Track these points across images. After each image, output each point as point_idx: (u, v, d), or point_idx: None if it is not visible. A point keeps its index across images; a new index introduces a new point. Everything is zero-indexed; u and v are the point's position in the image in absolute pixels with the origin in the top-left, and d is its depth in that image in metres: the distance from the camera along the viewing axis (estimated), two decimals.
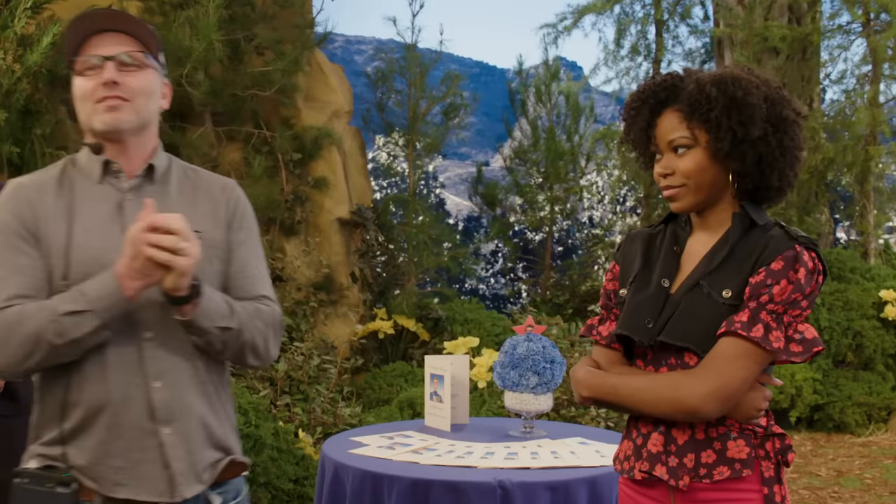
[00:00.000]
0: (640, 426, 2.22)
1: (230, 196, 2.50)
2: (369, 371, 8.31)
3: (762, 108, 2.12)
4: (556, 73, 12.45)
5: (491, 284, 14.31)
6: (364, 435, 3.64)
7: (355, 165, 9.34)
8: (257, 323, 2.26)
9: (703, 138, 2.14)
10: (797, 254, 2.08)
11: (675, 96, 2.18)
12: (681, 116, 2.16)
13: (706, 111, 2.12)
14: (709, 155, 2.15)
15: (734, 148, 2.12)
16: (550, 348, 3.67)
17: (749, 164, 2.14)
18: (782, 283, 2.06)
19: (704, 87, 2.13)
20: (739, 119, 2.10)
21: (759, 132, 2.11)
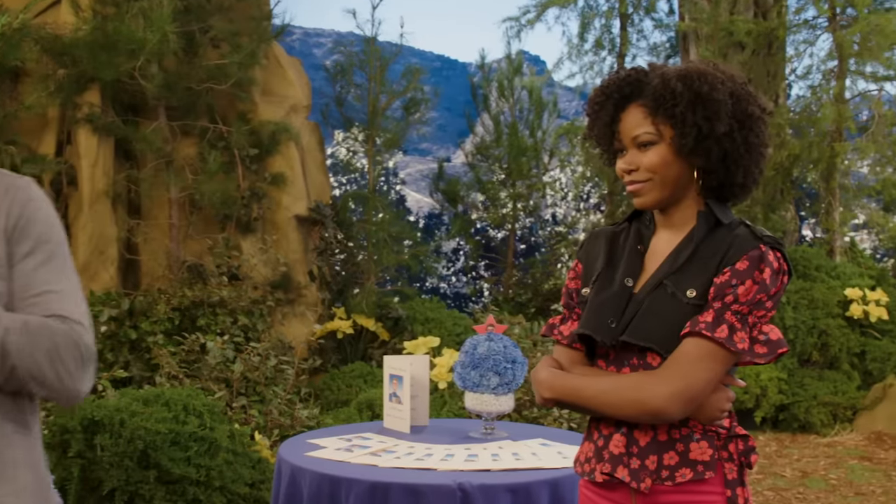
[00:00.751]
0: (602, 428, 2.22)
1: (14, 199, 2.00)
2: (327, 372, 8.29)
3: (728, 103, 2.13)
4: (518, 67, 12.48)
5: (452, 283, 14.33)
6: (322, 437, 3.63)
7: (314, 161, 9.32)
8: (41, 343, 1.86)
9: (668, 134, 2.15)
10: (762, 254, 2.09)
11: (640, 91, 2.18)
12: (645, 112, 2.16)
13: (671, 106, 2.12)
14: (673, 150, 2.15)
15: (699, 144, 2.13)
16: (512, 348, 3.67)
17: (714, 161, 2.15)
18: (747, 283, 2.07)
19: (669, 81, 2.13)
20: (705, 115, 2.11)
21: (724, 128, 2.12)
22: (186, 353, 6.83)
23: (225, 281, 7.84)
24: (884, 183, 11.22)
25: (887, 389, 8.70)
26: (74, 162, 7.67)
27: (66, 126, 7.75)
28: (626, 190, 2.27)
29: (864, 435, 8.56)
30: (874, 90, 11.73)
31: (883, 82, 11.66)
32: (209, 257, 8.06)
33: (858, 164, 12.04)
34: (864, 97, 11.93)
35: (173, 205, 8.05)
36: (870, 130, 11.15)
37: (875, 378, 9.18)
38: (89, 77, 7.58)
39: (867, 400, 8.84)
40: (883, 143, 11.15)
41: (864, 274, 10.29)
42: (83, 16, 7.51)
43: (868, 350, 9.41)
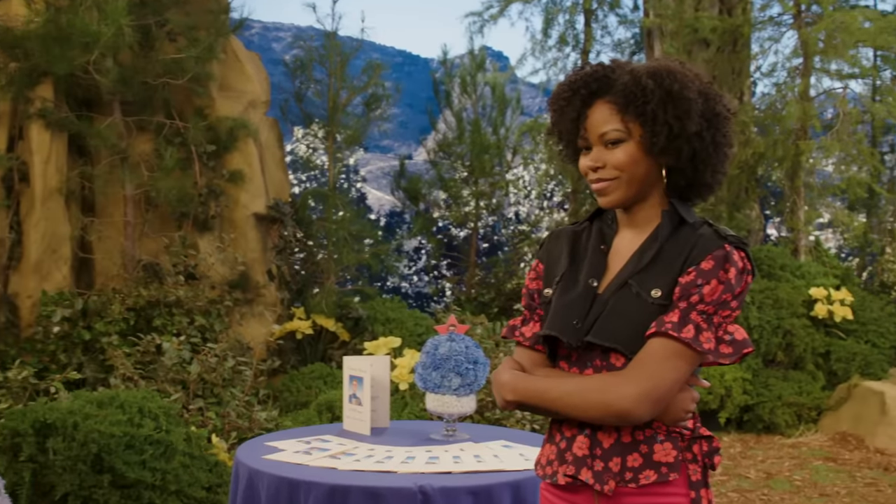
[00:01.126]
0: (565, 430, 2.23)
1: None
2: (286, 373, 8.27)
3: (698, 102, 2.14)
4: (481, 63, 12.50)
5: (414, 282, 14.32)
6: (280, 440, 3.62)
7: (272, 158, 9.29)
8: None
9: (637, 132, 2.15)
10: (727, 253, 2.11)
11: (608, 87, 2.18)
12: (614, 108, 2.16)
13: (642, 104, 2.13)
14: (642, 149, 2.16)
15: (669, 143, 2.14)
16: (473, 348, 3.68)
17: (683, 160, 2.17)
18: (712, 283, 2.09)
19: (640, 78, 2.14)
20: (676, 113, 2.12)
21: (695, 127, 2.13)
22: (142, 354, 6.80)
23: (181, 280, 7.80)
24: (848, 182, 11.33)
25: (852, 390, 8.80)
26: (26, 158, 7.60)
27: (18, 121, 7.68)
28: (590, 188, 2.27)
29: (828, 436, 8.65)
30: (839, 88, 11.86)
31: (848, 80, 11.78)
32: (165, 256, 8.02)
33: (823, 163, 12.16)
34: (829, 95, 12.04)
35: (128, 202, 8.00)
36: (835, 129, 11.25)
37: (840, 378, 9.28)
38: (42, 71, 7.52)
39: (832, 400, 8.94)
40: (848, 141, 11.25)
41: (829, 273, 10.40)
42: (36, 8, 7.44)
43: (833, 350, 9.51)
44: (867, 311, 9.94)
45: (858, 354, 9.39)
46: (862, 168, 11.76)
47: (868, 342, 9.69)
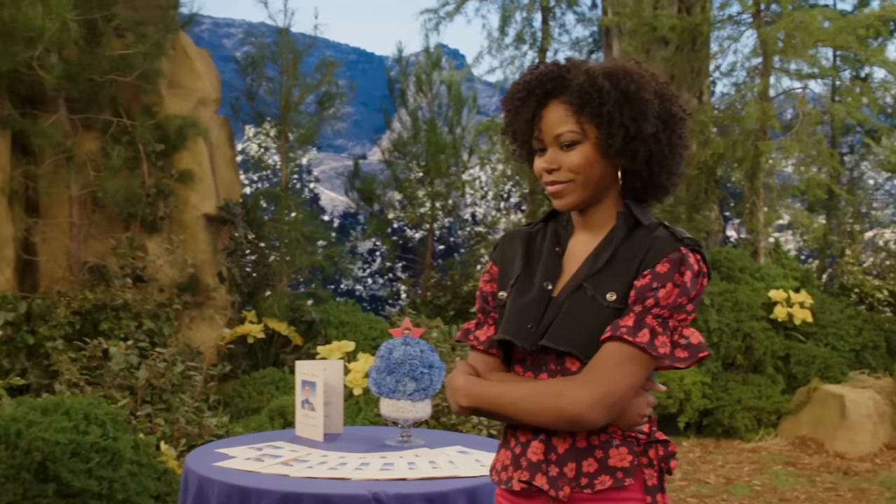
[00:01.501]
0: (519, 435, 2.23)
1: None
2: (237, 378, 8.24)
3: (654, 103, 2.15)
4: (437, 61, 12.52)
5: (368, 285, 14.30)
6: (231, 446, 3.61)
7: (223, 158, 9.26)
8: None
9: (593, 133, 2.16)
10: (683, 256, 2.12)
11: (563, 87, 2.18)
12: (569, 109, 2.16)
13: (598, 105, 2.13)
14: (598, 150, 2.16)
15: (626, 145, 2.14)
16: (429, 352, 3.68)
17: (639, 162, 2.17)
18: (668, 286, 2.10)
19: (596, 79, 2.14)
20: (632, 115, 2.13)
21: (651, 129, 2.14)
22: (88, 359, 6.75)
23: (129, 283, 7.75)
24: (808, 183, 11.45)
25: (811, 393, 8.89)
26: None
27: None
28: (545, 190, 2.28)
29: (788, 440, 8.75)
30: (798, 88, 11.99)
31: (807, 80, 11.91)
32: (112, 258, 7.97)
33: (783, 164, 12.27)
34: (788, 95, 12.17)
35: (74, 203, 7.94)
36: (794, 129, 11.37)
37: (799, 382, 9.37)
38: None
39: (791, 404, 9.03)
40: (807, 142, 11.37)
41: (789, 275, 10.51)
42: None
43: (792, 353, 9.61)
44: (827, 314, 10.06)
45: (818, 358, 9.49)
46: (821, 169, 11.88)
47: (828, 345, 9.81)
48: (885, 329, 10.19)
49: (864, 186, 14.20)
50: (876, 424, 8.51)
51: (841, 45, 11.34)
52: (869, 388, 8.85)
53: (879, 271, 12.44)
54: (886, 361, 9.83)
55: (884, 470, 7.87)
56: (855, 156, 13.94)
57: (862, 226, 13.72)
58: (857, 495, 7.16)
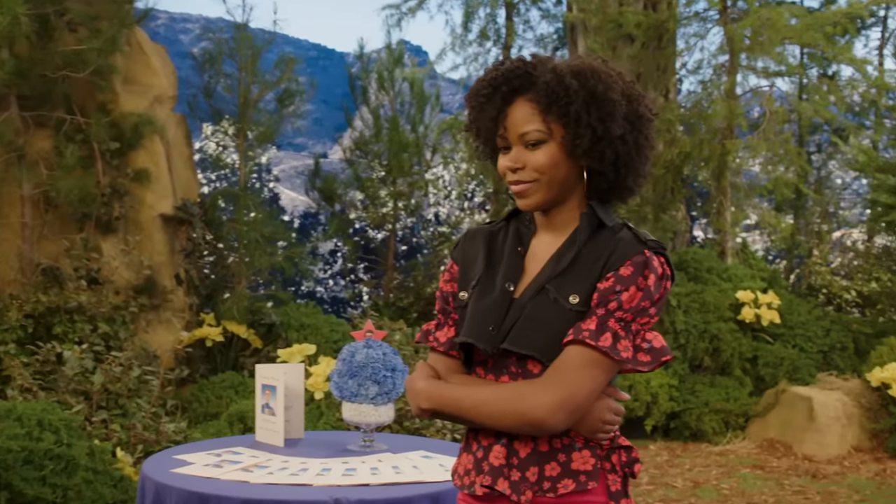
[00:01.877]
0: (481, 438, 2.24)
1: None
2: (196, 382, 8.21)
3: (622, 104, 2.16)
4: (399, 58, 12.52)
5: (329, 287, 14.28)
6: (189, 452, 3.60)
7: (180, 156, 9.22)
8: None
9: (559, 133, 2.16)
10: (647, 259, 2.13)
11: (529, 85, 2.18)
12: (535, 108, 2.16)
13: (565, 105, 2.13)
14: (564, 151, 2.17)
15: (593, 146, 2.15)
16: (392, 355, 3.69)
17: (606, 163, 2.18)
18: (631, 289, 2.11)
19: (563, 78, 2.14)
20: (599, 115, 2.13)
21: (619, 130, 2.15)
22: (41, 363, 6.70)
23: (84, 285, 7.70)
24: (775, 182, 11.53)
25: (779, 396, 8.97)
26: None
27: None
28: (508, 189, 2.28)
29: (756, 443, 8.82)
30: (765, 86, 12.08)
31: (774, 78, 12.00)
32: (66, 260, 7.92)
33: (750, 163, 12.36)
34: (755, 93, 12.26)
35: (26, 202, 7.88)
36: (761, 128, 11.45)
37: (767, 384, 9.45)
38: None
39: (759, 407, 9.10)
40: (774, 140, 11.46)
41: (756, 276, 10.59)
42: None
43: (760, 355, 9.69)
44: (795, 315, 10.15)
45: (786, 359, 9.57)
46: (789, 168, 11.98)
47: (796, 347, 9.89)
48: (852, 330, 10.30)
49: (831, 186, 14.34)
50: (844, 427, 8.60)
51: (808, 42, 11.43)
52: (837, 390, 8.94)
53: (847, 272, 12.57)
54: (854, 363, 9.94)
55: (852, 473, 7.96)
56: (822, 155, 14.07)
57: (830, 226, 13.86)
58: (825, 498, 7.23)
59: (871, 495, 7.34)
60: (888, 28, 13.56)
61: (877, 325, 10.54)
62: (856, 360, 10.00)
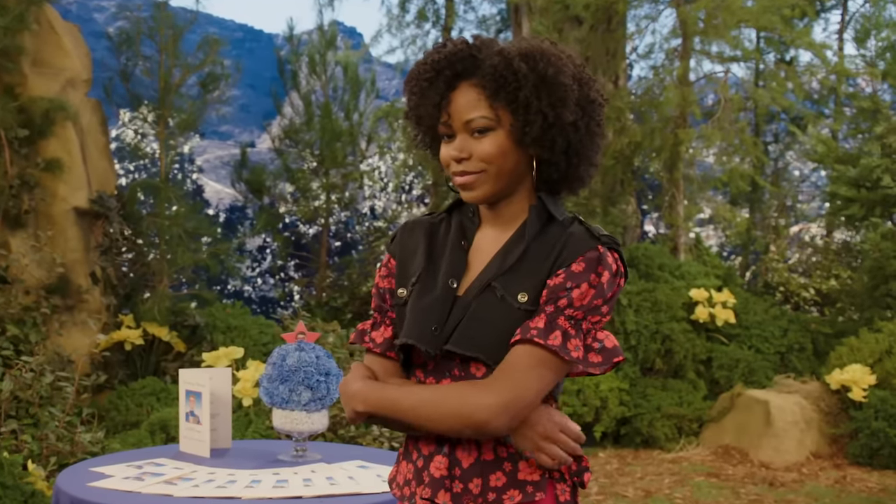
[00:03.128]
0: (422, 446, 2.24)
1: None
2: (114, 389, 8.15)
3: (574, 89, 2.16)
4: (332, 40, 12.49)
5: (258, 285, 14.24)
6: (108, 465, 3.57)
7: (95, 145, 9.13)
8: None
9: (508, 120, 2.14)
10: (600, 255, 2.14)
11: (474, 68, 2.16)
12: (482, 93, 2.15)
13: (514, 90, 2.12)
14: (512, 139, 2.15)
15: (543, 133, 2.14)
16: (325, 359, 3.69)
17: (557, 152, 2.17)
18: (583, 286, 2.11)
19: (512, 61, 2.13)
20: (550, 101, 2.13)
21: (571, 116, 2.15)
22: None
23: None
24: (730, 174, 11.65)
25: (735, 399, 9.07)
26: None
27: None
28: (451, 181, 2.25)
29: (710, 449, 8.91)
30: (720, 72, 12.21)
31: (729, 63, 12.13)
32: None
33: (704, 153, 12.48)
34: (709, 79, 12.39)
35: None
36: (716, 116, 11.57)
37: (722, 387, 9.56)
38: None
39: (714, 411, 9.20)
40: (730, 130, 11.57)
41: (710, 273, 10.70)
42: None
43: (714, 356, 9.80)
44: (750, 314, 10.28)
45: (741, 361, 9.69)
46: (745, 159, 12.12)
47: (752, 347, 10.02)
48: (811, 330, 10.45)
49: (789, 178, 14.56)
50: (802, 432, 8.72)
51: (765, 25, 11.57)
52: (795, 394, 9.05)
53: (805, 268, 12.76)
54: (813, 364, 10.07)
55: (811, 480, 8.08)
56: (780, 145, 14.27)
57: (787, 220, 14.06)
58: None
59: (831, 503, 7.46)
60: (848, 11, 13.77)
61: (836, 324, 10.70)
62: (814, 362, 10.14)
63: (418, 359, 2.25)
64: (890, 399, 8.49)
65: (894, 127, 10.76)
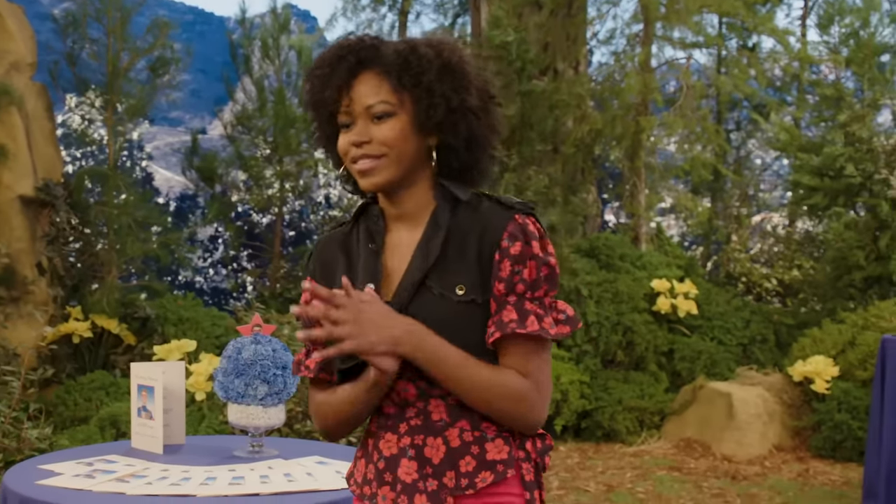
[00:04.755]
0: (382, 448, 2.25)
1: None
2: (62, 383, 8.10)
3: (476, 77, 2.24)
4: (286, 23, 12.43)
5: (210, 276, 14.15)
6: (56, 462, 3.55)
7: (41, 131, 9.06)
8: None
9: (410, 104, 2.19)
10: (521, 225, 2.19)
11: (377, 57, 2.20)
12: (384, 78, 2.19)
13: (417, 74, 2.17)
14: (413, 124, 2.20)
15: (446, 117, 2.19)
16: (282, 351, 3.68)
17: (459, 138, 2.22)
18: (527, 263, 2.17)
19: (417, 47, 2.19)
20: (454, 86, 2.19)
21: (474, 102, 2.21)
22: None
23: None
24: (692, 162, 11.72)
25: (697, 392, 9.12)
26: None
27: None
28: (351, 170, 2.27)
29: (672, 442, 8.96)
30: (682, 58, 12.27)
31: (691, 49, 12.20)
32: None
33: (665, 142, 12.55)
34: (671, 66, 12.45)
35: None
36: (677, 103, 11.63)
37: (684, 379, 9.61)
38: None
39: (676, 404, 9.25)
40: (692, 117, 11.64)
41: (672, 264, 10.75)
42: None
43: (676, 348, 9.85)
44: (712, 305, 10.34)
45: (703, 353, 9.74)
46: (706, 147, 12.19)
47: (714, 339, 10.08)
48: (773, 321, 10.52)
49: (751, 167, 14.62)
50: (765, 424, 8.78)
51: (727, 11, 11.63)
52: (757, 385, 9.11)
53: (768, 258, 12.83)
54: (776, 356, 10.14)
55: (773, 473, 8.14)
56: (742, 133, 14.34)
57: (749, 209, 14.13)
58: (746, 501, 7.40)
59: (794, 497, 7.52)
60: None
61: (798, 315, 10.78)
62: (777, 354, 10.22)
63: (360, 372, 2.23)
64: (853, 391, 8.57)
65: (858, 115, 10.86)
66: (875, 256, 10.10)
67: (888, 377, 6.87)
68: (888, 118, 12.61)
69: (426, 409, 2.21)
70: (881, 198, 9.94)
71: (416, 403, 2.22)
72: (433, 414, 2.21)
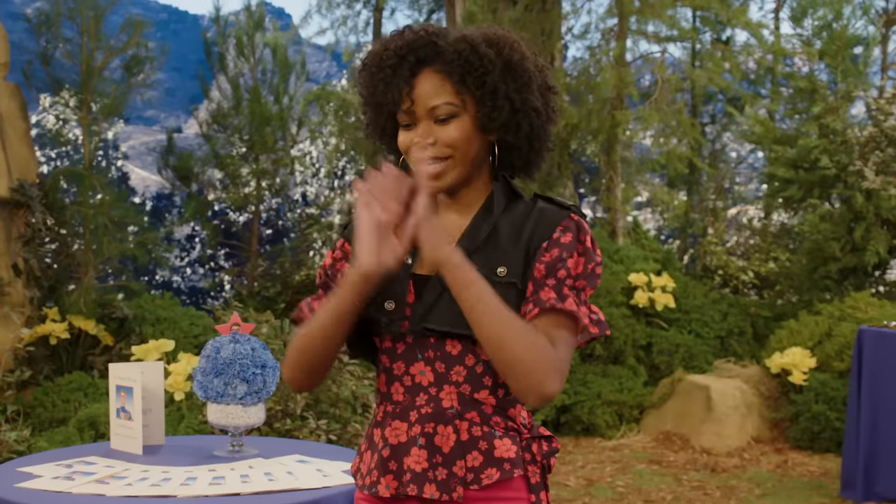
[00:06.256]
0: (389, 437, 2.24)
1: None
2: (39, 385, 8.06)
3: (536, 74, 2.22)
4: (260, 21, 12.41)
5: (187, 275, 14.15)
6: (35, 464, 3.53)
7: (15, 131, 9.01)
8: None
9: (473, 105, 2.18)
10: (577, 222, 2.20)
11: (437, 55, 2.19)
12: (446, 79, 2.18)
13: (481, 75, 2.16)
14: (476, 125, 2.19)
15: (510, 118, 2.19)
16: (261, 350, 3.68)
17: (521, 137, 2.22)
18: (574, 255, 2.17)
19: (478, 47, 2.16)
20: (517, 86, 2.18)
21: (536, 101, 2.21)
22: None
23: None
24: (668, 156, 11.75)
25: (675, 385, 9.15)
26: None
27: None
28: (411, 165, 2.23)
29: (651, 436, 8.99)
30: (657, 52, 12.30)
31: (666, 43, 12.22)
32: None
33: (641, 135, 12.58)
34: (646, 60, 12.48)
35: None
36: (653, 97, 11.65)
37: (662, 373, 9.64)
38: None
39: (654, 397, 9.28)
40: (667, 111, 11.67)
41: (649, 257, 10.77)
42: None
43: (654, 342, 9.87)
44: (690, 299, 10.37)
45: (682, 346, 9.77)
46: (682, 141, 12.22)
47: (691, 332, 10.10)
48: (750, 314, 10.56)
49: (726, 160, 14.70)
50: (743, 416, 8.82)
51: (701, 5, 11.68)
52: (735, 378, 9.15)
53: (744, 251, 12.88)
54: (753, 348, 10.19)
55: (752, 465, 8.18)
56: (717, 126, 14.41)
57: (725, 202, 14.19)
58: (725, 493, 7.42)
59: (773, 488, 7.55)
60: None
61: (775, 307, 10.83)
62: (754, 346, 10.26)
63: (387, 343, 2.25)
64: (830, 382, 8.61)
65: (832, 107, 10.90)
66: (850, 248, 10.15)
67: (865, 368, 6.91)
68: (862, 110, 12.64)
69: (437, 397, 2.21)
70: (856, 189, 9.98)
71: (429, 389, 2.22)
72: (444, 401, 2.20)
